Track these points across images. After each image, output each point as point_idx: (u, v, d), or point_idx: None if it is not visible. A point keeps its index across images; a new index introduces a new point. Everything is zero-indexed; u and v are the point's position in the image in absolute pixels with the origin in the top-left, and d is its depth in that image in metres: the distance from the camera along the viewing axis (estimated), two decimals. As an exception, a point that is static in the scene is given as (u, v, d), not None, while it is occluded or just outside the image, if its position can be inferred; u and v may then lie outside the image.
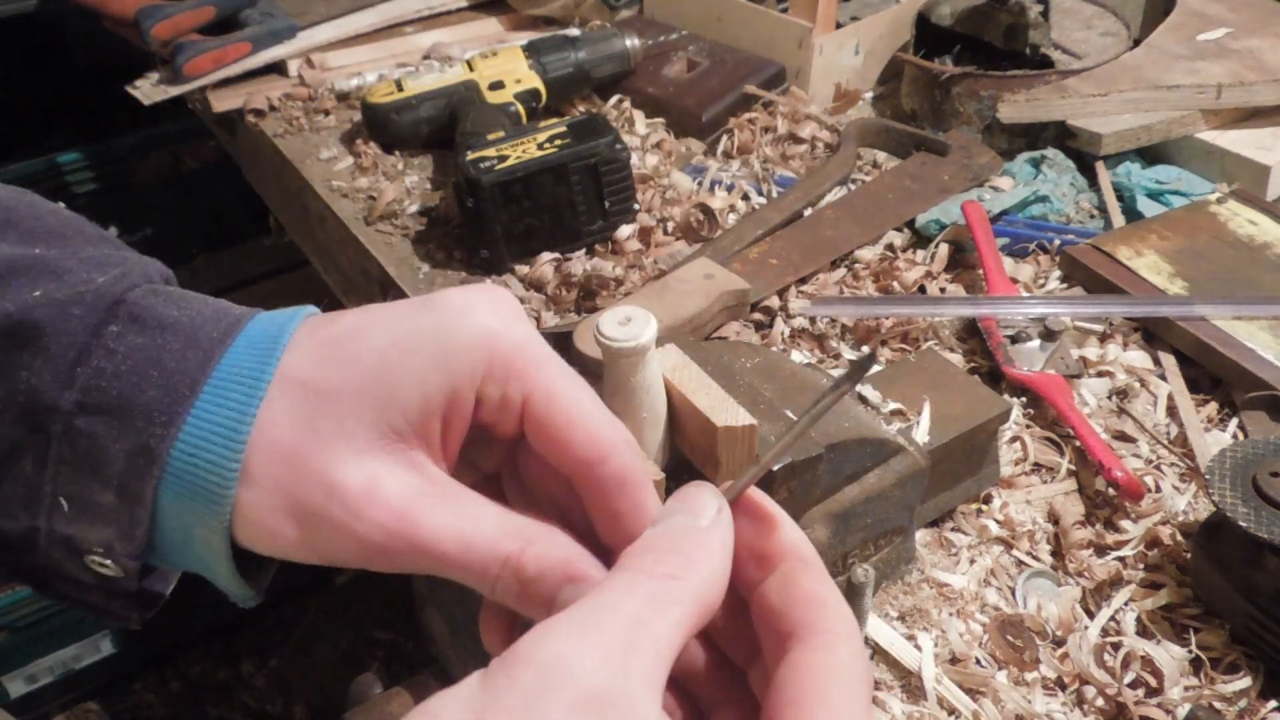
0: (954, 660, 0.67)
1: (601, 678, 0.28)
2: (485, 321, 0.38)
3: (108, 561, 0.37)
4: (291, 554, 0.37)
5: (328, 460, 0.36)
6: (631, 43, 1.23)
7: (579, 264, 0.98)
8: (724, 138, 1.16)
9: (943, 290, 0.95)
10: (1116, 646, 0.67)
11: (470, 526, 0.36)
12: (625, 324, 0.54)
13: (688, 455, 0.56)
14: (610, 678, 0.28)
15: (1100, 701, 0.64)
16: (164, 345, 0.37)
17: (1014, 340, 0.88)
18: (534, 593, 0.36)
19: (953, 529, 0.76)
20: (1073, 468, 0.80)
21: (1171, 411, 0.84)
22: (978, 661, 0.67)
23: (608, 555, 0.38)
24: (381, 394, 0.37)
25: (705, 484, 0.35)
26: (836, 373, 0.82)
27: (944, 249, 0.99)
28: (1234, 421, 0.83)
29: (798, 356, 0.88)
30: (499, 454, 0.42)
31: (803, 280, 0.97)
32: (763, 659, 0.34)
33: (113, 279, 0.38)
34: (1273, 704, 0.64)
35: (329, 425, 0.36)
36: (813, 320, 0.91)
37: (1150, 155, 1.10)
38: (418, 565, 0.36)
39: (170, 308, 0.38)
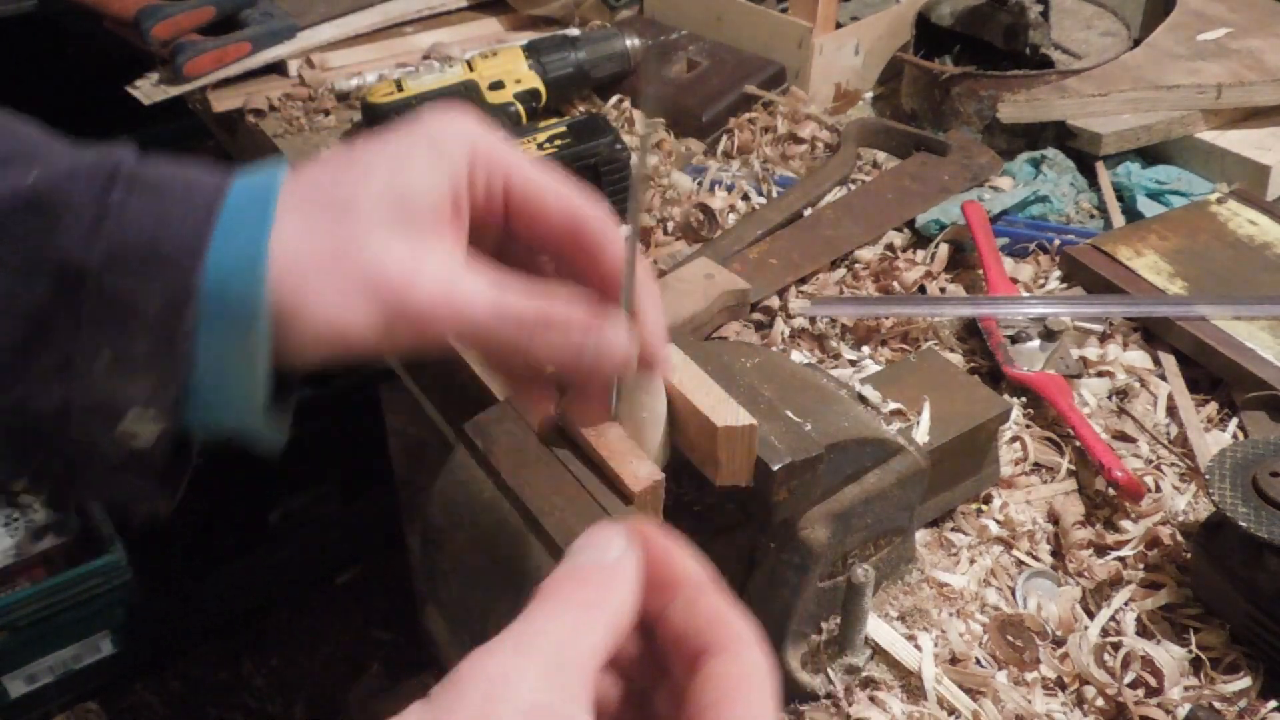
0: (954, 660, 0.67)
1: (541, 692, 0.30)
2: (465, 126, 0.45)
3: (138, 430, 0.40)
4: (352, 341, 0.42)
5: (369, 250, 0.41)
6: (631, 43, 1.23)
7: (579, 264, 0.98)
8: (724, 138, 1.16)
9: (943, 290, 0.95)
10: (1116, 646, 0.67)
11: (498, 294, 0.43)
12: (625, 324, 0.54)
13: (688, 455, 0.56)
14: (548, 692, 0.31)
15: (1100, 701, 0.64)
16: (168, 198, 0.41)
17: (1014, 340, 0.88)
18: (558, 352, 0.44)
19: (953, 529, 0.76)
20: (1073, 468, 0.80)
21: (1171, 411, 0.84)
22: (978, 661, 0.67)
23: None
24: (397, 196, 0.42)
25: (610, 524, 0.37)
26: (837, 373, 0.82)
27: (944, 249, 0.99)
28: (1234, 421, 0.83)
29: (798, 356, 0.88)
30: (487, 254, 0.47)
31: (803, 280, 0.97)
32: (669, 680, 0.36)
33: (99, 155, 0.42)
34: (1273, 704, 0.64)
35: (360, 225, 0.42)
36: (813, 320, 0.92)
37: (1150, 155, 1.10)
38: (459, 332, 0.43)
39: (162, 169, 0.42)
